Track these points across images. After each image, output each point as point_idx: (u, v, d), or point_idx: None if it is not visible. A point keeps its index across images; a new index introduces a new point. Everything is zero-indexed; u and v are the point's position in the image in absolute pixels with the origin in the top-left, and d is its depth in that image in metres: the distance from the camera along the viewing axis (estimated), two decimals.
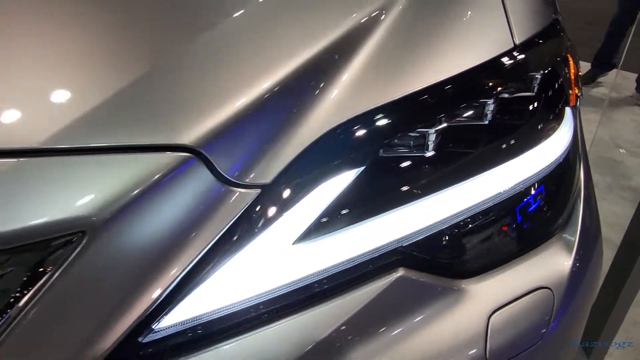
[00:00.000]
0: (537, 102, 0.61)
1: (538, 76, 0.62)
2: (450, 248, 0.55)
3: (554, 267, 0.58)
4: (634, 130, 3.09)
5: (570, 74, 0.68)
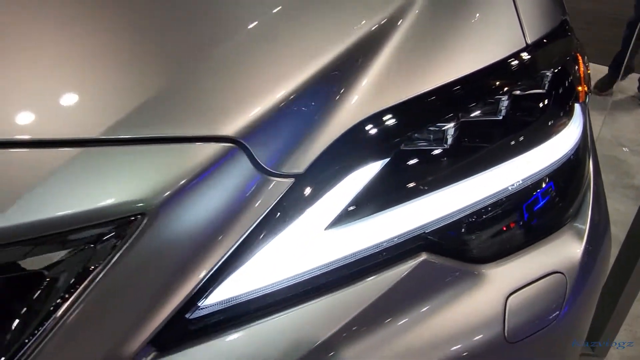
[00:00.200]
0: (549, 99, 0.64)
1: (549, 74, 0.65)
2: (469, 235, 0.58)
3: (566, 254, 0.62)
4: (637, 130, 3.12)
5: (580, 71, 0.72)
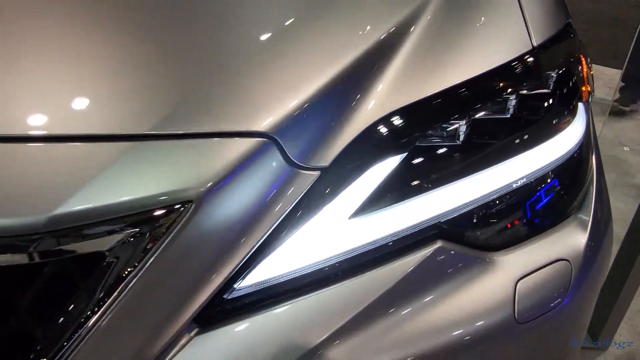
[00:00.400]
0: (553, 99, 0.68)
1: (554, 75, 0.69)
2: (481, 224, 0.62)
3: (571, 243, 0.66)
4: (637, 129, 3.16)
5: (583, 72, 0.76)
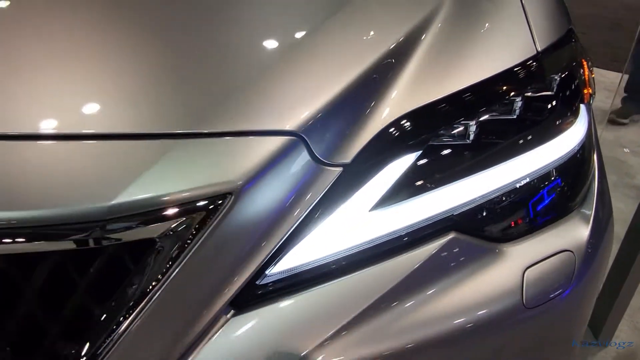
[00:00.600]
0: (557, 100, 0.73)
1: (557, 78, 0.73)
2: (491, 217, 0.67)
3: (574, 235, 0.70)
4: (637, 131, 3.21)
5: (585, 76, 0.80)
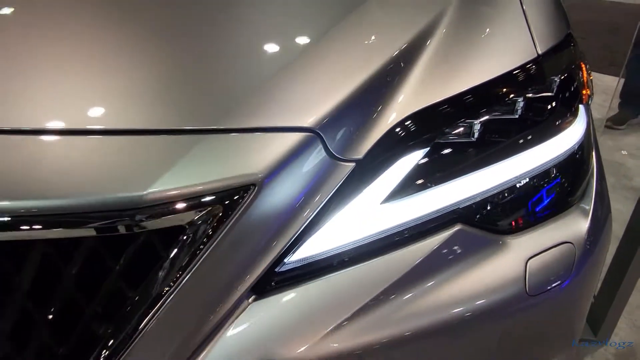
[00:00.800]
0: (557, 101, 0.76)
1: (557, 80, 0.77)
2: (496, 211, 0.70)
3: (574, 228, 0.73)
4: (635, 134, 3.25)
5: (583, 78, 0.84)
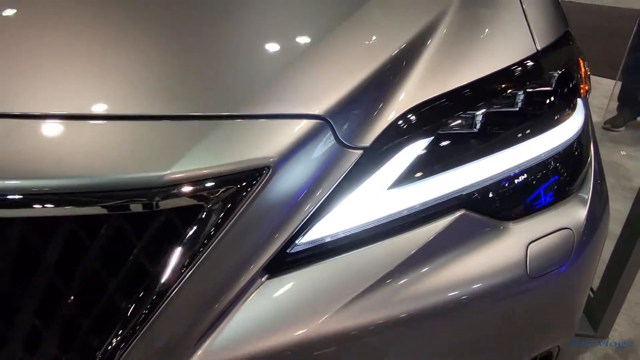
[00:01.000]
0: (556, 94, 0.80)
1: (556, 74, 0.80)
2: (498, 197, 0.73)
3: (573, 215, 0.76)
4: (634, 135, 3.29)
5: (581, 73, 0.87)
